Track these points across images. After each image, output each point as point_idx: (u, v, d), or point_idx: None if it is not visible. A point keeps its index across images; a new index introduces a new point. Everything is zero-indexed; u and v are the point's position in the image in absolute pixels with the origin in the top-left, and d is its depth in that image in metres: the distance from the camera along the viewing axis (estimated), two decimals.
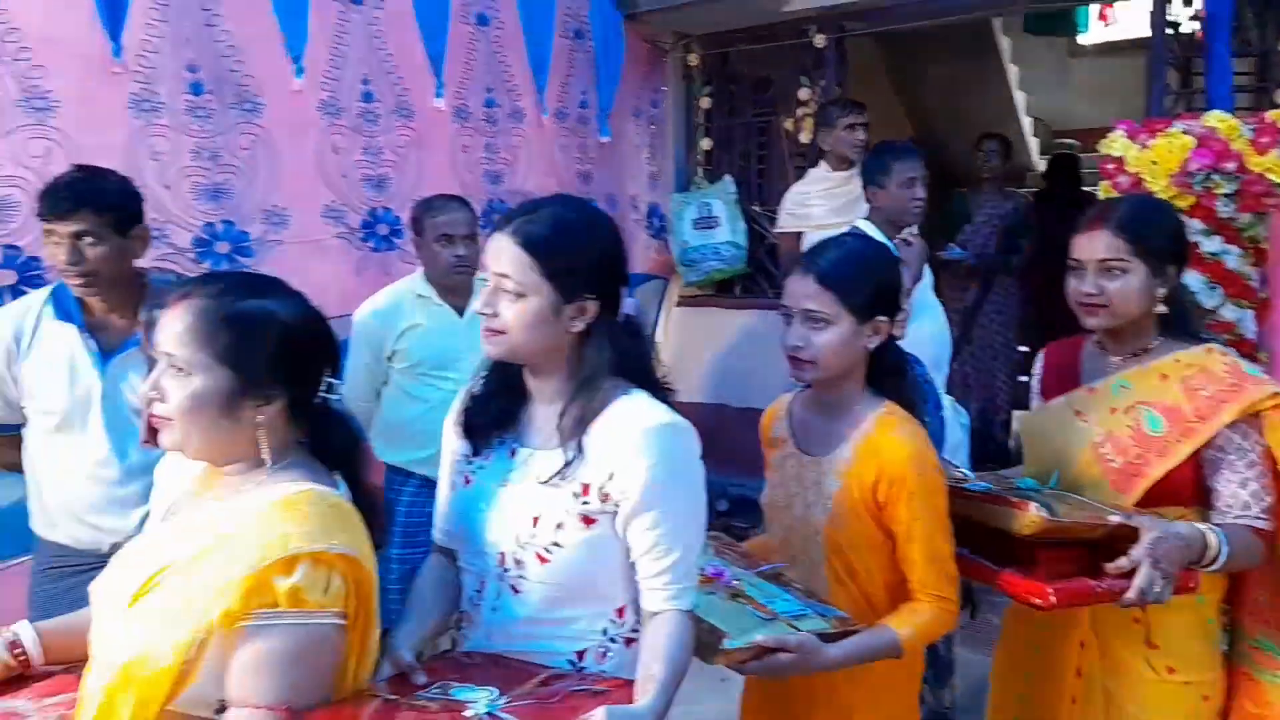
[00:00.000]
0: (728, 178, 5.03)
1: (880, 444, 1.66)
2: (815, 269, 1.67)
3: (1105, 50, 8.75)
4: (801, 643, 1.48)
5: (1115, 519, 1.61)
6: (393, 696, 1.23)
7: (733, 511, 4.39)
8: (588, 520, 1.37)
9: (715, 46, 4.97)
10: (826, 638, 1.53)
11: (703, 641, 1.45)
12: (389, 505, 2.93)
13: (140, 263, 2.21)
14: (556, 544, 1.37)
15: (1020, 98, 8.28)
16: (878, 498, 1.65)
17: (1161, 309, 1.80)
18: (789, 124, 4.79)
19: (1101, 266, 1.77)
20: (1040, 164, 8.62)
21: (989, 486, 1.79)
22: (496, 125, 3.98)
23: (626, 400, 1.40)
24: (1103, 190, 3.18)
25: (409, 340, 2.84)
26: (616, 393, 1.40)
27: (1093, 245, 1.79)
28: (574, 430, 1.38)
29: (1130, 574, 1.55)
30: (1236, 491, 1.70)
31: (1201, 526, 1.64)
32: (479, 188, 3.91)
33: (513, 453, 1.47)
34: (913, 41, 6.85)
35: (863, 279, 1.68)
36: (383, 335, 2.83)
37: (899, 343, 1.79)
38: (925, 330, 2.82)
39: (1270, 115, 2.89)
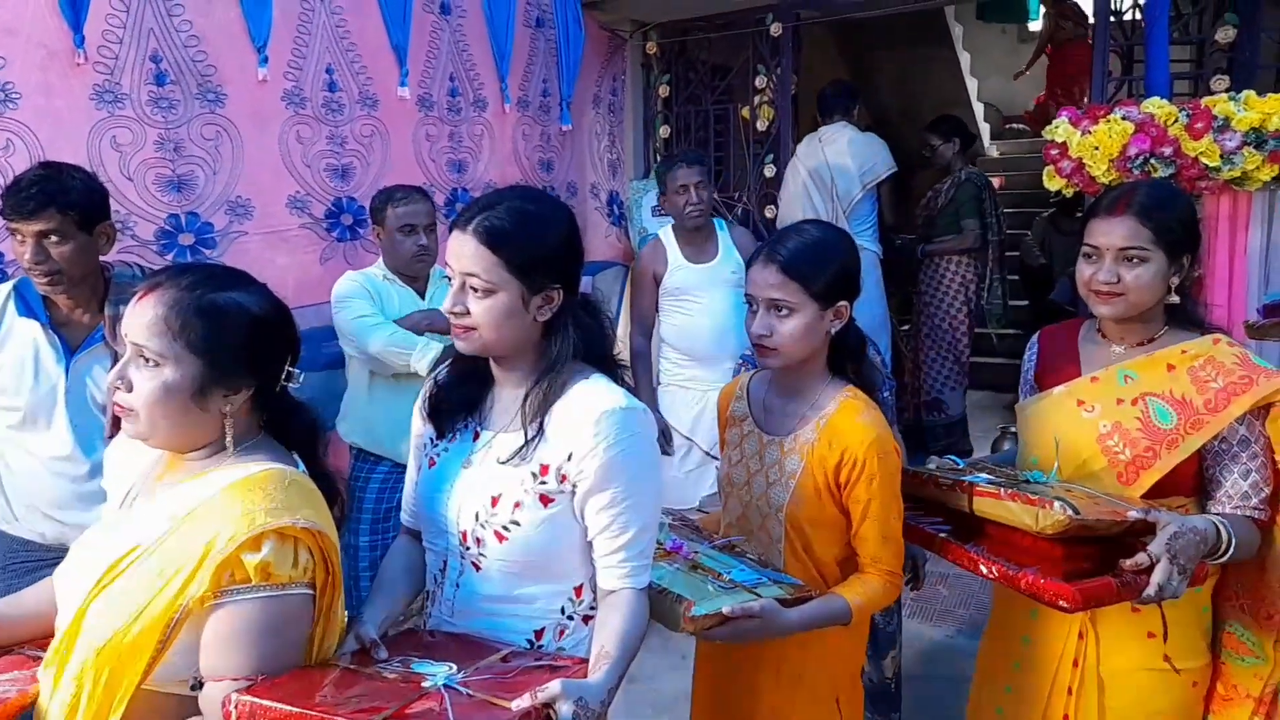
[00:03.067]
0: None
1: (844, 427, 1.70)
2: (778, 259, 1.69)
3: None
4: (764, 608, 1.53)
5: (1134, 514, 1.56)
6: (354, 666, 1.27)
7: None
8: (546, 500, 1.40)
9: (673, 35, 5.00)
10: (783, 604, 1.59)
11: (670, 611, 1.50)
12: (357, 492, 2.96)
13: (103, 257, 2.21)
14: (515, 522, 1.40)
15: (973, 84, 8.42)
16: (839, 479, 1.70)
17: (1173, 299, 1.74)
18: (745, 111, 4.83)
19: (1121, 255, 1.70)
20: (992, 149, 8.82)
21: (991, 480, 1.73)
22: (460, 114, 3.97)
23: (585, 384, 1.42)
24: (1046, 176, 3.27)
25: None
26: (577, 377, 1.43)
27: (1115, 232, 1.71)
28: (535, 413, 1.40)
29: (1147, 569, 1.52)
30: (1237, 482, 1.68)
31: (1214, 519, 1.61)
32: (443, 177, 3.90)
33: (475, 435, 1.49)
34: (867, 29, 6.95)
35: (824, 266, 1.69)
36: (366, 297, 2.86)
37: None
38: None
39: (1205, 101, 2.99)
